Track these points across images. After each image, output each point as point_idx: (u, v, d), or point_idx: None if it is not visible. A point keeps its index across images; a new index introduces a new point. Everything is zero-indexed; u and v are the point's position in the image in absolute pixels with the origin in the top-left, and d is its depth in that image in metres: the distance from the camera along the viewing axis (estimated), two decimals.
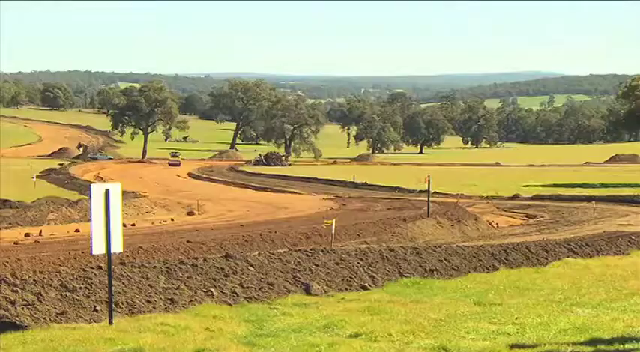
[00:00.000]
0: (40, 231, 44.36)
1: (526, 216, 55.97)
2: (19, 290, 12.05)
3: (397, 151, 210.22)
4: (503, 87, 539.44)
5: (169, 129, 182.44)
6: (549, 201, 64.91)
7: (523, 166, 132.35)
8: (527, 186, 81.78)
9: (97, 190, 11.04)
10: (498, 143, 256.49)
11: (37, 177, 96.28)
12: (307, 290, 14.37)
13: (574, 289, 14.48)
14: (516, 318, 11.06)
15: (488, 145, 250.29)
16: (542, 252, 20.79)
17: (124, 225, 13.24)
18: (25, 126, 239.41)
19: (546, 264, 19.09)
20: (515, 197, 70.62)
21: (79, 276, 13.05)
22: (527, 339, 9.53)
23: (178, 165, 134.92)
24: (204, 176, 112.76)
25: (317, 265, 15.77)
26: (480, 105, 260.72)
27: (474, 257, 18.78)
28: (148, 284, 13.33)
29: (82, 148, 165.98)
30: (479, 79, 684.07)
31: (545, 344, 9.13)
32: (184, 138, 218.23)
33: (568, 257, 20.59)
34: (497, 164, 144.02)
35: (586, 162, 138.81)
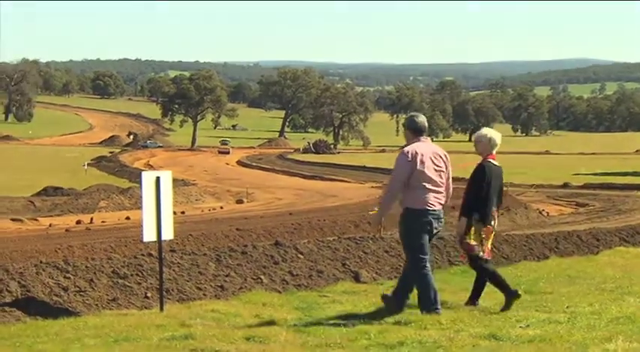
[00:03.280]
0: (91, 219, 44.83)
1: (577, 205, 55.53)
2: (71, 276, 12.18)
3: (446, 139, 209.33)
4: (554, 74, 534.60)
5: (218, 117, 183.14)
6: (600, 189, 64.36)
7: (573, 154, 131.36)
8: (577, 174, 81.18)
9: (148, 178, 11.09)
10: (548, 131, 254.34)
11: (88, 164, 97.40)
12: (356, 278, 14.36)
13: (625, 278, 14.34)
14: (567, 307, 10.98)
15: (538, 133, 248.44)
16: (593, 241, 20.60)
17: (174, 213, 13.29)
18: (76, 114, 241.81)
19: (597, 253, 18.91)
20: (565, 185, 70.14)
21: (130, 263, 13.16)
22: (579, 328, 9.47)
23: (228, 153, 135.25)
24: (253, 164, 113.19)
25: (366, 253, 15.75)
26: (530, 93, 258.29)
27: (525, 245, 18.66)
28: (198, 272, 13.40)
29: (132, 136, 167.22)
30: (529, 66, 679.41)
31: (596, 333, 9.07)
32: (233, 126, 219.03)
33: (620, 245, 20.38)
34: (547, 152, 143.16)
35: (638, 150, 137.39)
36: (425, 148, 10.57)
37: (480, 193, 10.96)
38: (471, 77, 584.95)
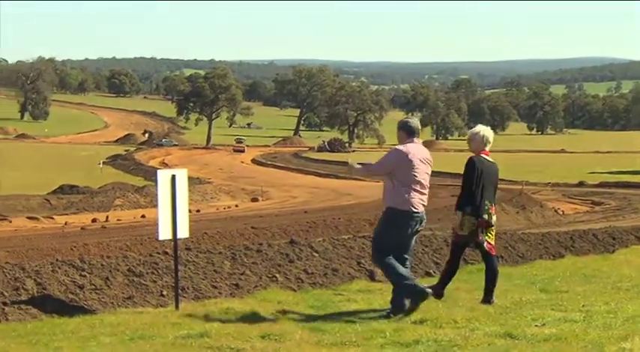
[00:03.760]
0: (107, 217, 45.01)
1: (592, 203, 55.48)
2: (87, 274, 12.21)
3: (461, 137, 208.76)
4: (570, 73, 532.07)
5: (233, 115, 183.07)
6: (616, 188, 64.26)
7: (589, 153, 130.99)
8: (593, 173, 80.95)
9: (164, 176, 11.10)
10: (564, 129, 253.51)
11: (104, 163, 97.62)
12: (371, 277, 14.35)
13: None
14: (583, 305, 10.96)
15: (553, 132, 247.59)
16: (609, 239, 20.55)
17: (190, 211, 13.31)
18: (92, 112, 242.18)
19: (613, 252, 18.87)
20: (581, 184, 70.04)
21: (146, 261, 13.19)
22: (595, 327, 9.44)
23: (243, 151, 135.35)
24: (268, 162, 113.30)
25: None
26: (546, 92, 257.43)
27: (540, 244, 18.63)
28: (214, 270, 13.42)
29: (147, 134, 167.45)
30: (544, 64, 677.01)
31: (612, 332, 9.03)
32: (248, 124, 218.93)
33: (636, 244, 20.34)
34: (563, 151, 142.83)
35: None
36: (417, 150, 10.97)
37: (471, 186, 11.39)
38: (486, 75, 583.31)
